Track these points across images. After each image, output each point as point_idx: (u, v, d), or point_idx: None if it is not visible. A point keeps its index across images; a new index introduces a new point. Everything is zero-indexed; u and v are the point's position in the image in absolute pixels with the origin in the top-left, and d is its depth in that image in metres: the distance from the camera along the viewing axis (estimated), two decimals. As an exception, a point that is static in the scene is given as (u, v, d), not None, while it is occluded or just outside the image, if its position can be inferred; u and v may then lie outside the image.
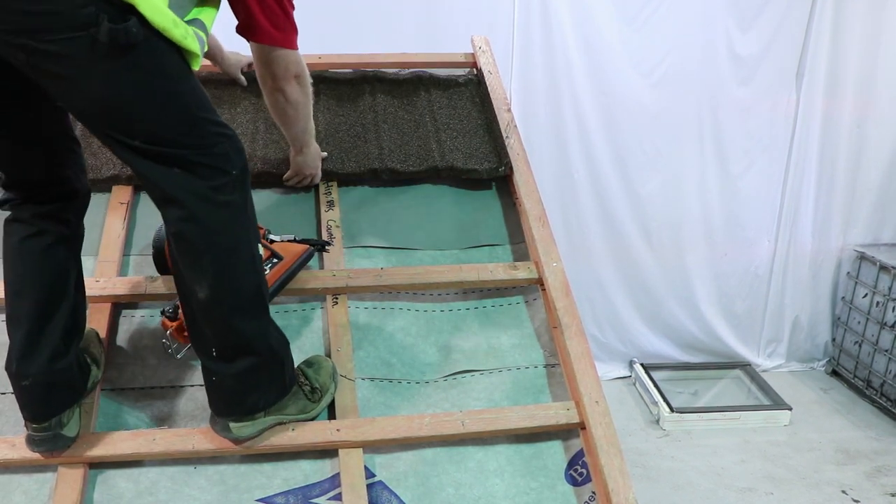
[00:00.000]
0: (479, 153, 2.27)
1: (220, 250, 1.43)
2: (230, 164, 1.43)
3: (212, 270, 1.42)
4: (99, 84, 1.29)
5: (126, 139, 1.35)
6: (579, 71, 3.70)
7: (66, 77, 1.28)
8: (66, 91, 1.32)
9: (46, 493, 1.52)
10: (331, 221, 2.10)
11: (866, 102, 3.95)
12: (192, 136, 1.39)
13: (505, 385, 1.81)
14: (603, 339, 4.16)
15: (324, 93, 2.43)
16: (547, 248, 2.03)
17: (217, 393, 1.55)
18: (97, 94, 1.30)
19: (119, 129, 1.35)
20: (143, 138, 1.34)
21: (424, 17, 3.52)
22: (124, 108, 1.32)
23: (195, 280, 1.43)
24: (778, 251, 4.17)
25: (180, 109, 1.38)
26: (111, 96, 1.30)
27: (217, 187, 1.40)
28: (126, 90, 1.30)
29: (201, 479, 1.58)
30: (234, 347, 1.49)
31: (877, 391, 3.92)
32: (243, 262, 1.48)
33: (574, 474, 1.66)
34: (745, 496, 3.18)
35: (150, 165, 1.37)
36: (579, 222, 3.95)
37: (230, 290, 1.46)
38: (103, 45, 1.23)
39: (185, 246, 1.42)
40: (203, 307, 1.45)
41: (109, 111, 1.33)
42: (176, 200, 1.39)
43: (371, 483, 1.59)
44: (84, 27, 1.22)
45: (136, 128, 1.34)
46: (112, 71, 1.27)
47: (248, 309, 1.50)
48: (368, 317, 1.92)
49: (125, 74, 1.29)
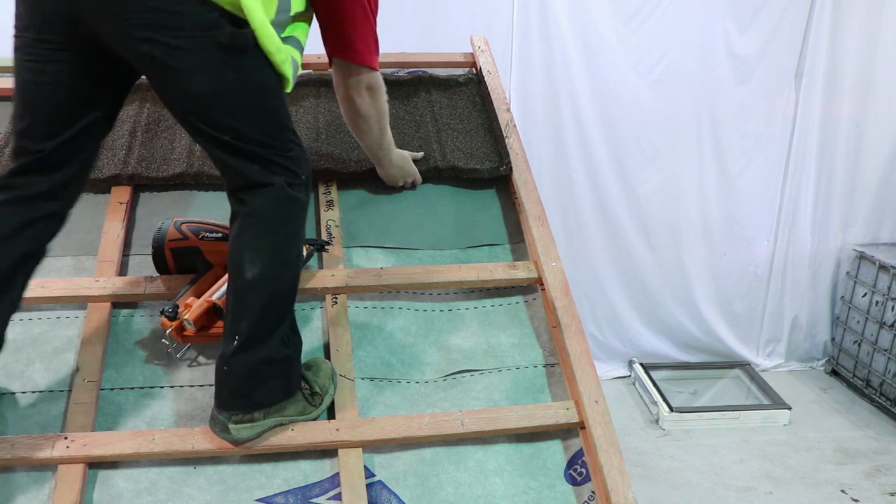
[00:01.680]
0: (480, 153, 2.28)
1: (280, 237, 1.55)
2: (301, 168, 1.58)
3: (268, 253, 1.53)
4: (206, 79, 1.42)
5: (217, 133, 1.48)
6: (578, 70, 3.70)
7: (180, 70, 1.40)
8: (174, 82, 1.44)
9: (45, 493, 1.52)
10: (330, 221, 2.10)
11: (865, 102, 3.95)
12: (273, 138, 1.53)
13: (504, 385, 1.81)
14: (602, 339, 4.16)
15: (324, 95, 2.43)
16: (546, 248, 2.03)
17: (226, 384, 1.56)
18: (201, 88, 1.43)
19: (211, 123, 1.47)
20: (232, 135, 1.47)
21: (423, 17, 3.53)
22: (221, 104, 1.46)
23: (249, 259, 1.52)
24: (777, 251, 4.18)
25: (269, 115, 1.52)
26: (213, 92, 1.44)
27: (291, 184, 1.54)
28: (227, 88, 1.44)
29: (201, 479, 1.58)
30: (260, 336, 1.54)
31: (876, 390, 3.92)
32: (293, 254, 1.60)
33: (573, 474, 1.66)
34: (744, 495, 3.18)
35: (234, 159, 1.50)
36: (578, 222, 3.95)
37: (276, 276, 1.55)
38: (222, 45, 1.40)
39: (249, 226, 1.53)
40: (248, 286, 1.52)
41: (207, 105, 1.46)
42: (259, 185, 1.51)
43: (370, 483, 1.59)
44: (207, 28, 1.39)
45: (226, 124, 1.47)
46: (221, 69, 1.42)
47: (283, 299, 1.58)
48: (368, 316, 1.92)
49: (231, 74, 1.44)
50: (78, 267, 1.94)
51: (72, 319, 1.83)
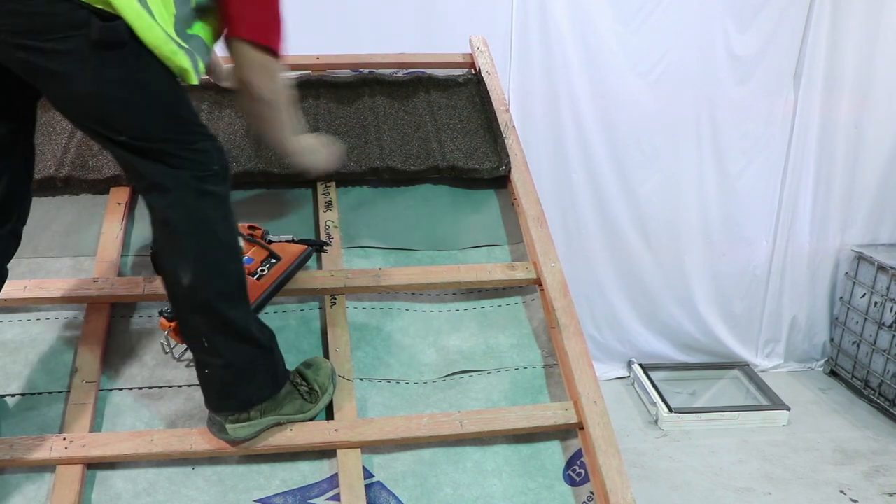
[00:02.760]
0: (479, 153, 2.28)
1: (202, 235, 1.48)
2: (212, 159, 1.49)
3: (194, 254, 1.47)
4: (89, 80, 1.36)
5: (113, 134, 1.42)
6: (577, 71, 3.70)
7: (61, 74, 1.35)
8: (60, 88, 1.39)
9: (44, 494, 1.52)
10: (329, 222, 2.10)
11: (864, 103, 3.95)
12: (175, 132, 1.45)
13: (503, 385, 1.81)
14: (601, 340, 4.16)
15: (323, 96, 2.43)
16: (545, 249, 2.03)
17: (210, 386, 1.56)
18: (87, 90, 1.37)
19: (105, 125, 1.42)
20: (129, 134, 1.41)
21: (422, 17, 3.52)
22: (110, 104, 1.39)
23: (179, 266, 1.47)
24: (776, 251, 4.17)
25: (164, 109, 1.45)
26: (99, 92, 1.38)
27: (200, 177, 1.47)
28: (112, 86, 1.38)
29: (199, 479, 1.58)
30: (223, 335, 1.51)
31: (875, 391, 3.92)
32: (225, 248, 1.52)
33: (572, 474, 1.66)
34: (743, 496, 3.18)
35: (136, 159, 1.44)
36: (577, 222, 3.95)
37: (213, 274, 1.49)
38: (95, 42, 1.33)
39: (169, 231, 1.48)
40: (187, 293, 1.48)
41: (97, 107, 1.40)
42: (161, 187, 1.45)
43: (369, 483, 1.59)
44: (79, 27, 1.32)
45: (120, 123, 1.41)
46: (101, 67, 1.36)
47: (232, 296, 1.53)
48: (367, 317, 1.92)
49: (112, 71, 1.37)
50: (76, 268, 1.94)
51: (70, 320, 1.83)
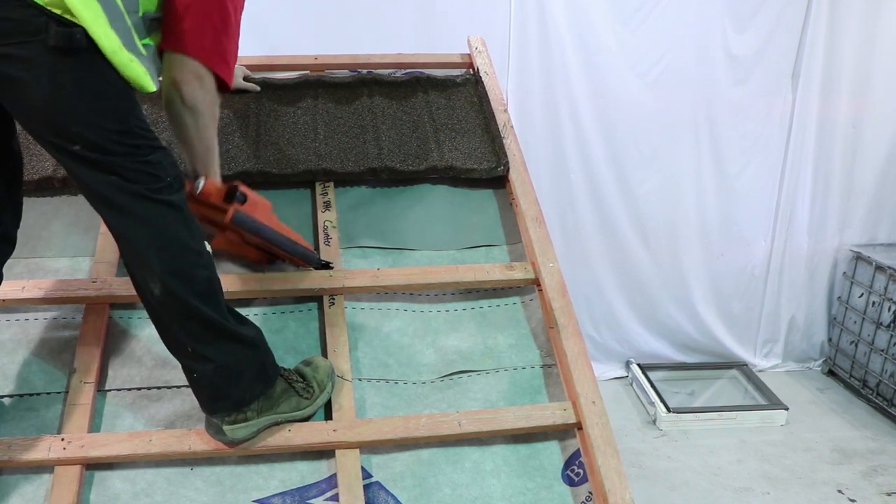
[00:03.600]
0: (477, 153, 2.28)
1: (163, 244, 1.48)
2: (164, 171, 1.49)
3: (159, 264, 1.47)
4: (45, 86, 1.37)
5: (67, 144, 1.42)
6: (576, 71, 3.70)
7: (18, 79, 1.36)
8: (17, 94, 1.39)
9: (42, 495, 1.52)
10: (327, 222, 2.10)
11: (862, 103, 3.96)
12: (126, 144, 1.45)
13: (501, 385, 1.81)
14: (599, 340, 4.16)
15: (322, 96, 2.43)
16: (543, 249, 2.03)
17: (202, 390, 1.56)
18: (43, 96, 1.38)
19: (60, 134, 1.42)
20: (82, 144, 1.41)
21: (421, 17, 3.52)
22: (65, 111, 1.40)
23: (147, 278, 1.48)
24: (774, 251, 4.18)
25: (116, 117, 1.44)
26: (54, 99, 1.38)
27: (154, 189, 1.47)
28: (67, 93, 1.38)
29: (198, 480, 1.58)
30: (205, 337, 1.51)
31: (873, 391, 3.93)
32: (189, 254, 1.52)
33: (571, 474, 1.66)
34: (741, 496, 3.19)
35: (89, 172, 1.44)
36: (576, 222, 3.95)
37: (181, 281, 1.49)
38: (51, 48, 1.34)
39: (129, 246, 1.48)
40: (161, 302, 1.48)
41: (52, 115, 1.40)
42: (115, 203, 1.45)
43: (368, 483, 1.59)
44: (36, 33, 1.34)
45: (74, 132, 1.41)
46: (56, 73, 1.37)
47: (206, 297, 1.52)
48: (365, 317, 1.92)
49: (67, 76, 1.38)
50: (75, 268, 1.94)
51: (69, 321, 1.83)
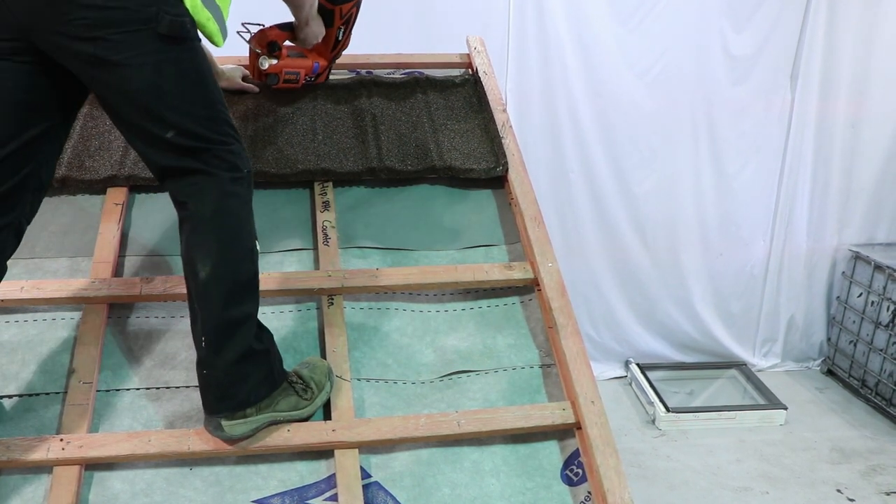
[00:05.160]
0: (476, 153, 2.28)
1: (225, 233, 1.56)
2: (243, 163, 1.59)
3: (216, 250, 1.53)
4: (149, 73, 1.44)
5: (161, 131, 1.48)
6: (574, 71, 3.71)
7: (125, 66, 1.42)
8: (118, 81, 1.45)
9: (41, 495, 1.52)
10: (326, 222, 2.10)
11: (860, 102, 3.96)
12: (215, 132, 1.54)
13: (501, 385, 1.81)
14: (599, 339, 4.17)
15: (321, 96, 2.43)
16: (542, 249, 2.03)
17: (209, 388, 1.56)
18: (146, 83, 1.44)
19: (157, 120, 1.48)
20: (176, 130, 1.48)
21: (420, 17, 3.53)
22: (163, 98, 1.46)
23: (199, 259, 1.53)
24: (773, 251, 4.18)
25: (208, 105, 1.54)
26: (157, 85, 1.45)
27: (234, 179, 1.56)
28: (167, 81, 1.46)
29: (197, 480, 1.58)
30: (224, 333, 1.54)
31: (872, 390, 3.93)
32: (243, 249, 1.59)
33: (570, 474, 1.66)
34: (740, 495, 3.19)
35: (176, 158, 1.51)
36: (575, 222, 3.96)
37: (228, 272, 1.55)
38: (162, 36, 1.42)
39: (194, 230, 1.54)
40: (202, 287, 1.53)
41: (153, 100, 1.46)
42: (195, 189, 1.53)
43: (367, 483, 1.59)
44: (147, 22, 1.41)
45: (169, 119, 1.48)
46: (162, 61, 1.44)
47: (242, 295, 1.57)
48: (364, 317, 1.92)
49: (171, 66, 1.46)
50: (73, 268, 1.93)
51: (67, 321, 1.82)
